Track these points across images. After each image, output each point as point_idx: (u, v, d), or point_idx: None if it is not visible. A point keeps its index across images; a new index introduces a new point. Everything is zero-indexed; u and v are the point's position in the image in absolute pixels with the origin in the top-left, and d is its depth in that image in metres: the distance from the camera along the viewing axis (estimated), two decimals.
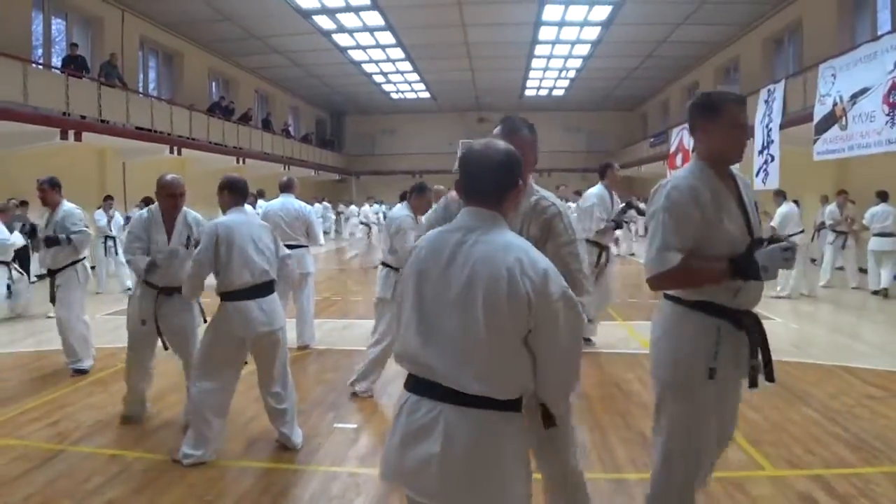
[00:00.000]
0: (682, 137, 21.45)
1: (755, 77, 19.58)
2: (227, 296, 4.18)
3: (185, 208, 4.85)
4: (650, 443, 2.89)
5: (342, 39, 21.72)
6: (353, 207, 24.58)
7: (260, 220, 4.66)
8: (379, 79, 27.83)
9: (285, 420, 4.39)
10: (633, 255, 18.53)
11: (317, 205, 24.97)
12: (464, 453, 1.86)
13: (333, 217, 28.36)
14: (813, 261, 14.84)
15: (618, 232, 12.88)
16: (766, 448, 4.35)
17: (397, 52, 23.37)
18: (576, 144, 35.33)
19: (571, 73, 27.02)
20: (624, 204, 7.76)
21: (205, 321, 4.85)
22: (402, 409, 1.98)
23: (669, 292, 2.73)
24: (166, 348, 4.86)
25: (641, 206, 8.09)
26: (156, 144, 17.30)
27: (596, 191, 7.37)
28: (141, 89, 19.11)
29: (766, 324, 2.70)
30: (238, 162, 21.34)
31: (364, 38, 21.66)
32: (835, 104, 12.82)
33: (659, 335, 2.73)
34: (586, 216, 7.17)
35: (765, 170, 15.49)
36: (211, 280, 4.25)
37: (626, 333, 8.19)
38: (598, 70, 25.93)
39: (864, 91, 11.94)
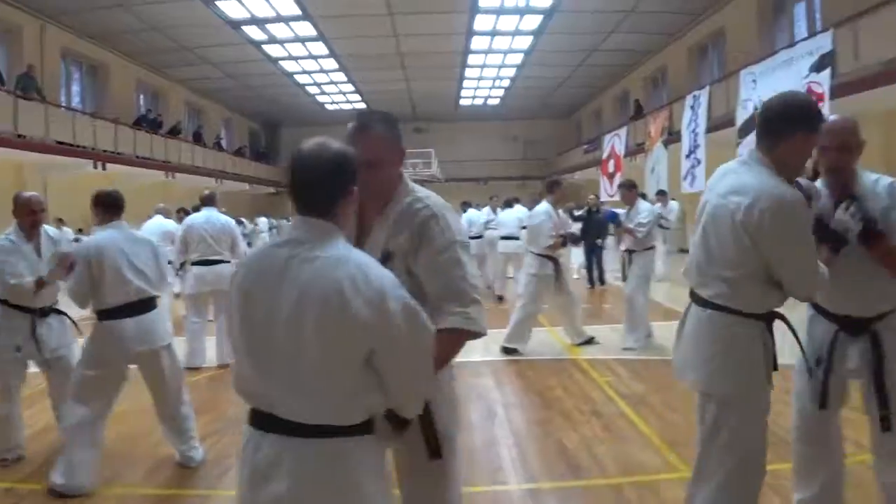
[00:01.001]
0: (613, 144, 21.84)
1: (682, 84, 20.03)
2: (101, 315, 4.02)
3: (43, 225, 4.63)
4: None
5: (274, 50, 21.47)
6: None
7: (139, 234, 4.42)
8: (313, 90, 27.59)
9: (182, 439, 4.24)
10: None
11: (261, 219, 24.63)
12: (314, 490, 1.72)
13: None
14: None
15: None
16: (682, 450, 4.33)
17: (330, 63, 23.21)
18: (512, 153, 35.74)
19: (506, 83, 27.29)
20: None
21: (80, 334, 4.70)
22: (247, 446, 1.81)
23: (720, 302, 2.56)
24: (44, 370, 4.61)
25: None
26: (78, 160, 16.69)
27: (544, 208, 7.65)
28: (63, 102, 18.48)
29: None
30: (167, 176, 20.81)
31: (296, 49, 21.45)
32: (756, 108, 13.16)
33: (716, 350, 2.58)
34: (538, 233, 7.56)
35: (692, 173, 15.83)
36: None
37: (552, 338, 8.19)
38: (532, 79, 26.22)
39: None
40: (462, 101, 31.01)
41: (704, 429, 2.64)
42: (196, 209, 12.41)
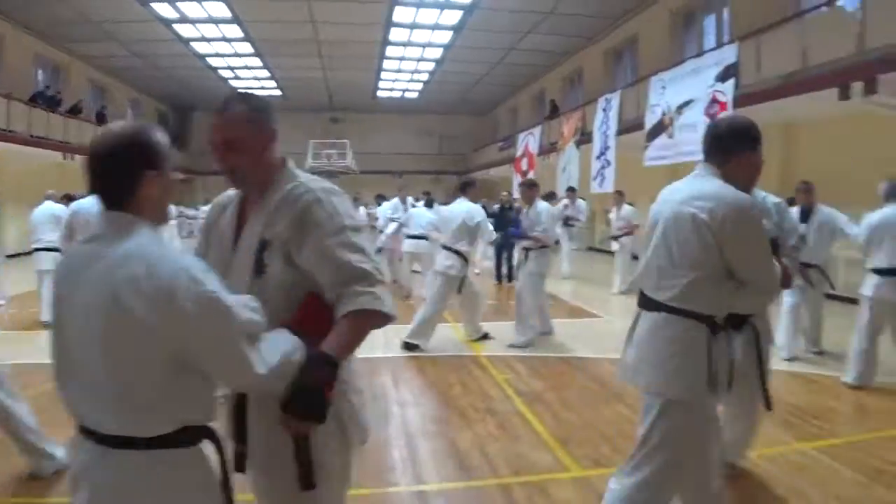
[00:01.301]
0: (527, 142, 22.06)
1: (597, 86, 20.44)
2: None
3: None
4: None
5: (185, 30, 20.61)
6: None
7: None
8: (226, 74, 26.69)
9: (28, 450, 3.90)
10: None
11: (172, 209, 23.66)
12: (112, 502, 1.61)
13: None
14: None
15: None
16: (573, 448, 4.36)
17: (245, 47, 22.49)
18: (428, 147, 35.67)
19: (424, 76, 27.17)
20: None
21: None
22: (71, 449, 1.74)
23: (676, 304, 2.65)
24: None
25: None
26: None
27: (477, 207, 7.76)
28: None
29: (592, 322, 2.70)
30: (65, 157, 19.74)
31: (209, 30, 20.66)
32: (663, 114, 13.53)
33: (673, 351, 2.65)
34: (482, 231, 7.68)
35: (602, 174, 16.15)
36: None
37: (455, 334, 8.16)
38: (450, 74, 26.22)
39: (688, 103, 12.67)
40: (380, 93, 30.67)
41: (645, 427, 2.73)
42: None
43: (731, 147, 2.74)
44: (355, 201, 13.29)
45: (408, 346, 7.22)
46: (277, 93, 30.06)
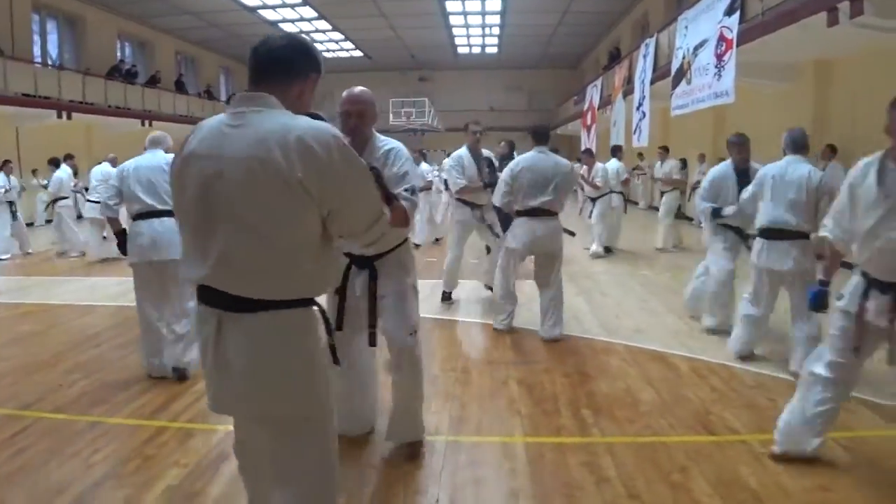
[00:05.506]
0: (592, 96, 21.20)
1: None
2: None
3: None
4: None
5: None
6: None
7: None
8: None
9: None
10: None
11: None
12: None
13: None
14: (690, 219, 14.77)
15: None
16: (532, 419, 4.08)
17: (307, 11, 22.90)
18: (516, 103, 34.96)
19: (496, 30, 26.56)
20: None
21: None
22: None
23: None
24: None
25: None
26: (41, 110, 17.06)
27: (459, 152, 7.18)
28: (39, 56, 18.93)
29: None
30: (143, 125, 21.12)
31: None
32: (683, 57, 12.53)
33: None
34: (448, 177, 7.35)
35: (639, 127, 15.26)
36: None
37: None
38: (520, 26, 25.47)
39: (703, 43, 11.61)
40: (460, 50, 30.33)
41: None
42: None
43: None
44: None
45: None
46: (359, 54, 30.46)
